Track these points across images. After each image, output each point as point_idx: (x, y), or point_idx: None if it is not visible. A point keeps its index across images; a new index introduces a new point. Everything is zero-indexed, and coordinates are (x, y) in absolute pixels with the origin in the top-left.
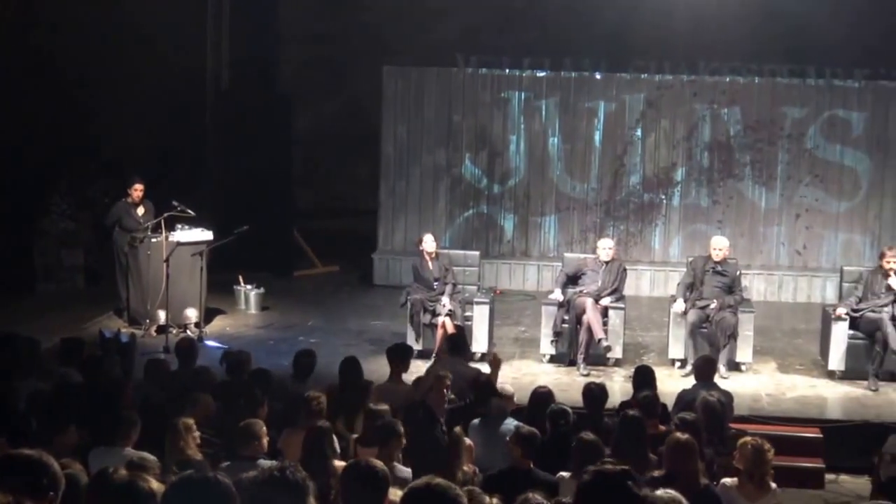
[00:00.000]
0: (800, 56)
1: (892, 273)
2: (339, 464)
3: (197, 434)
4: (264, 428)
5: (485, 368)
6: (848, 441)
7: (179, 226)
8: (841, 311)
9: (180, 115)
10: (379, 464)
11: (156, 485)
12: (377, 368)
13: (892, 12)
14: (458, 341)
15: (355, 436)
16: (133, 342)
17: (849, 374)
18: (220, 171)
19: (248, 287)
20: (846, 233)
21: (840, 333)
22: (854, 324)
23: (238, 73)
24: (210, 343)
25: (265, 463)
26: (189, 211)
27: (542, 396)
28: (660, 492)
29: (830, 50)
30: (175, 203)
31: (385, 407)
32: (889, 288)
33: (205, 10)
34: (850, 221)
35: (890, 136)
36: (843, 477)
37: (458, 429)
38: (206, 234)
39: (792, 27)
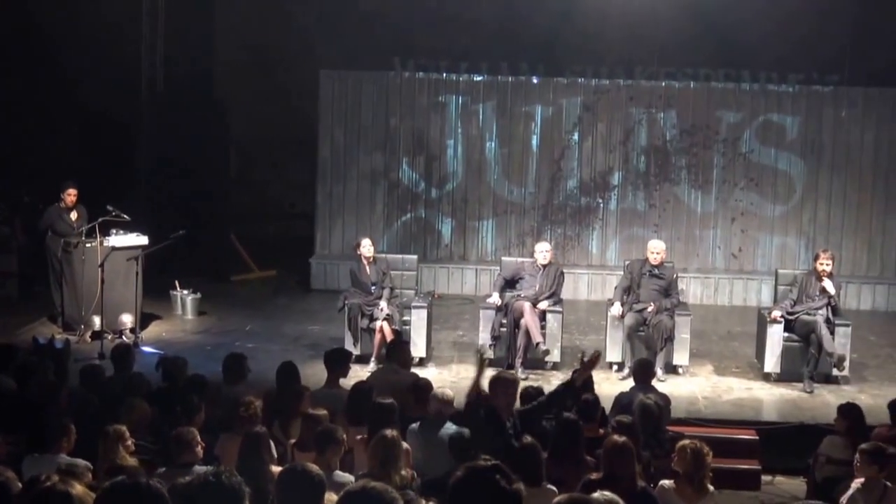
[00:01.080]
0: (735, 61)
1: (825, 276)
2: (277, 469)
3: (130, 441)
4: (198, 435)
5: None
6: (783, 443)
7: (114, 230)
8: (776, 313)
9: (115, 118)
10: (314, 468)
11: (81, 490)
12: (315, 373)
13: (825, 18)
14: (396, 347)
15: (293, 441)
16: (67, 348)
17: (784, 377)
18: (156, 175)
19: (185, 292)
20: (781, 236)
21: (775, 336)
22: (789, 326)
23: (173, 76)
24: (146, 349)
25: (200, 469)
26: (124, 215)
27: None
28: (597, 494)
29: (765, 55)
30: (109, 207)
31: (323, 412)
32: (823, 290)
33: (139, 13)
34: (784, 225)
35: (823, 140)
36: (779, 478)
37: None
38: (141, 239)
39: (726, 32)
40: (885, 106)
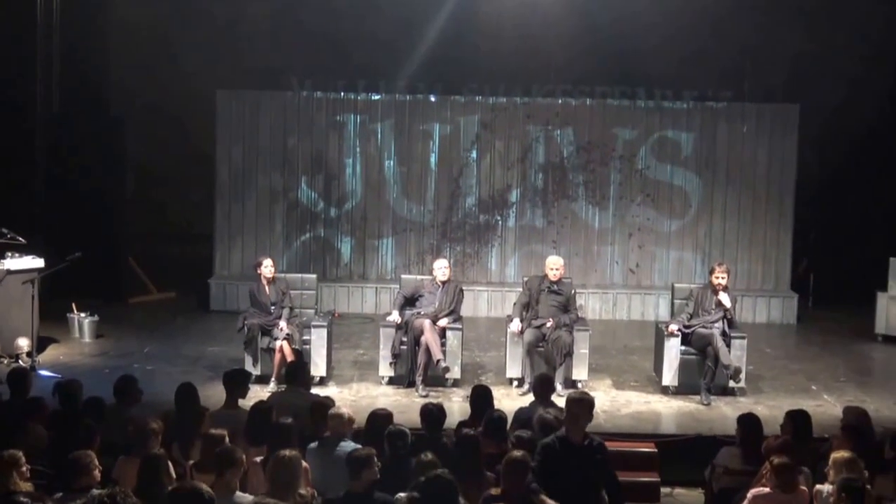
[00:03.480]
0: (630, 77)
1: (721, 289)
2: (173, 486)
3: (25, 467)
4: (95, 459)
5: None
6: (682, 455)
7: (9, 254)
8: (673, 327)
9: (9, 139)
10: (204, 487)
11: None
12: (214, 394)
13: (720, 35)
14: (297, 369)
15: (192, 462)
16: None
17: (682, 389)
18: (52, 196)
19: (82, 315)
20: (677, 250)
21: (673, 350)
22: (686, 340)
23: (69, 97)
24: (43, 373)
25: (95, 491)
26: (19, 238)
27: (380, 419)
28: None
29: (659, 71)
30: (4, 230)
31: (222, 432)
32: (719, 304)
33: (34, 34)
34: (681, 239)
35: (718, 156)
36: (678, 490)
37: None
38: (37, 262)
39: (621, 49)
40: (777, 122)
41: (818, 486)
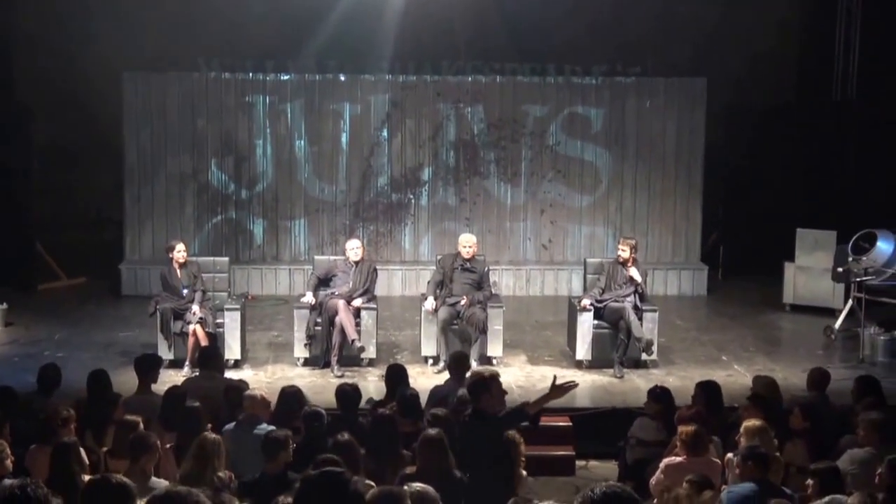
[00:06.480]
0: (538, 53)
1: (626, 262)
2: (89, 478)
3: None
4: (7, 448)
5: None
6: (596, 428)
7: None
8: (585, 302)
9: None
10: (119, 478)
11: None
12: (127, 380)
13: (626, 9)
14: (210, 353)
15: (105, 449)
16: None
17: (595, 363)
18: None
19: None
20: (589, 226)
21: (585, 324)
22: (598, 314)
23: None
24: None
25: (7, 482)
26: None
27: (289, 396)
28: (411, 486)
29: (567, 46)
30: None
31: (136, 419)
32: (631, 279)
33: None
34: (592, 215)
35: (627, 131)
36: (593, 462)
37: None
38: None
39: (529, 24)
40: (685, 96)
41: (729, 455)
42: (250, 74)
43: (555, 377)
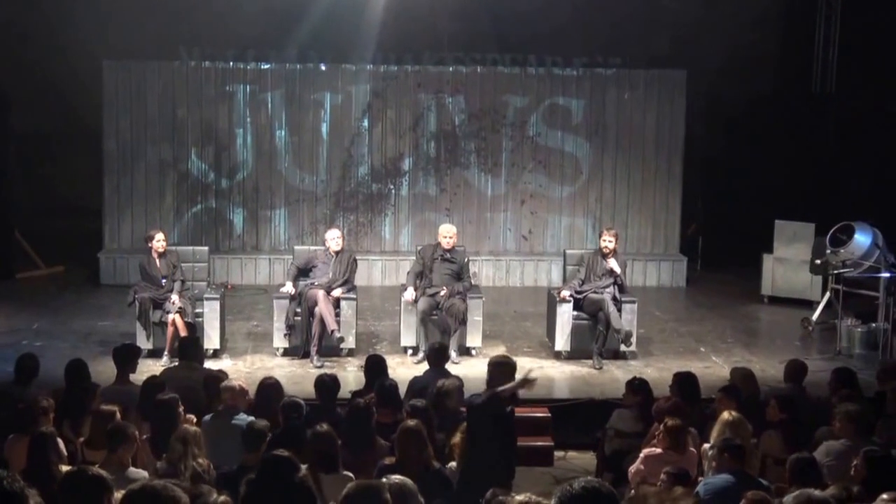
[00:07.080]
0: (519, 44)
1: (609, 253)
2: (67, 469)
3: None
4: None
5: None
6: (575, 419)
7: None
8: (565, 293)
9: None
10: (95, 470)
11: None
12: (105, 370)
13: (607, 1)
14: (189, 343)
15: (82, 439)
16: None
17: (574, 354)
18: None
19: None
20: (569, 217)
21: (565, 315)
22: (578, 305)
23: None
24: None
25: None
26: None
27: (268, 388)
28: (389, 477)
29: (548, 37)
30: None
31: (114, 409)
32: (610, 270)
33: None
34: (572, 206)
35: (608, 122)
36: (571, 453)
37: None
38: None
39: (511, 17)
40: (665, 87)
41: (705, 446)
42: (231, 63)
43: (529, 370)
